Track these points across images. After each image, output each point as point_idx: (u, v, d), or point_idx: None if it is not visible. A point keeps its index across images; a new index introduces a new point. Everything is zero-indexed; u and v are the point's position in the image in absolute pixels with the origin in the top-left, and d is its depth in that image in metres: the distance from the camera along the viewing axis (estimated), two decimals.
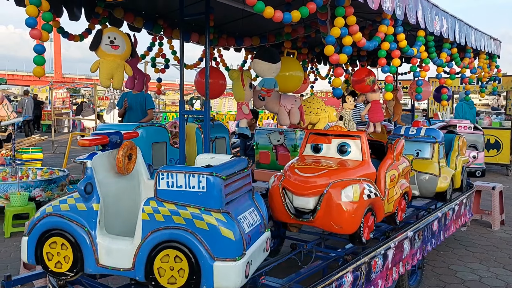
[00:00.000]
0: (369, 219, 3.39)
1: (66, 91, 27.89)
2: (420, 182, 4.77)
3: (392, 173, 3.75)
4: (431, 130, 5.01)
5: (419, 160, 4.87)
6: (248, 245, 2.41)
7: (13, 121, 7.69)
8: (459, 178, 5.31)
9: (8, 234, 6.02)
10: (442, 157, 4.97)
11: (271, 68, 3.52)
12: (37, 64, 2.72)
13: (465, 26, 4.65)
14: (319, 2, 2.76)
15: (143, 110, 7.44)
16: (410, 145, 4.89)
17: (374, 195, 3.38)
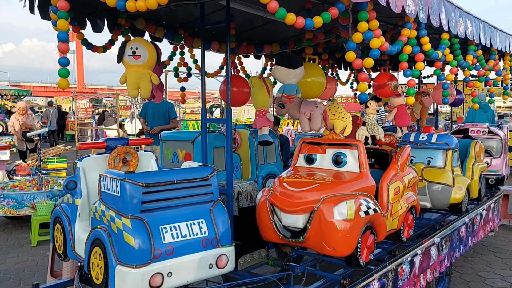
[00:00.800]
0: (368, 238, 3.03)
1: (89, 101, 28.39)
2: (432, 193, 4.37)
3: (396, 185, 3.43)
4: (444, 136, 4.60)
5: (430, 169, 4.45)
6: (166, 256, 2.35)
7: (38, 131, 7.86)
8: (476, 187, 4.93)
9: (35, 243, 6.13)
10: (456, 165, 4.56)
11: (289, 73, 3.49)
12: (62, 76, 2.77)
13: (490, 27, 4.56)
14: (341, 7, 2.74)
15: (166, 119, 7.53)
16: (421, 152, 4.54)
17: (373, 211, 3.00)
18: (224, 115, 4.47)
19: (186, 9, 3.81)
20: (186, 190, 2.55)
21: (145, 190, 2.36)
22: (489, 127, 6.00)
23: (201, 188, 2.60)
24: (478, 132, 6.01)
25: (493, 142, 5.97)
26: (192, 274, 2.45)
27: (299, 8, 3.72)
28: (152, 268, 2.28)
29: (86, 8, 3.72)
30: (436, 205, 4.39)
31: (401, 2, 2.85)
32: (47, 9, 3.11)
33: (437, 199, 4.34)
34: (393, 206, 3.35)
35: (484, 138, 5.90)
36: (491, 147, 5.88)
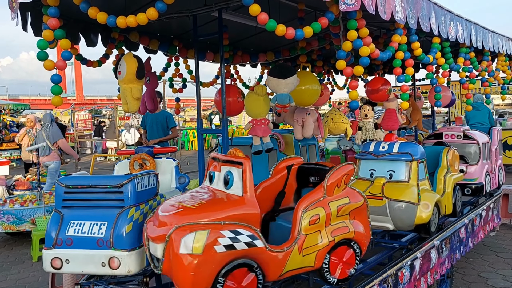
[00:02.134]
0: (244, 278, 2.47)
1: (88, 113, 28.46)
2: (394, 212, 3.71)
3: (314, 212, 2.74)
4: (407, 145, 3.98)
5: (392, 184, 3.83)
6: (64, 246, 2.77)
7: (38, 146, 7.87)
8: (450, 201, 4.31)
9: (36, 258, 6.12)
10: (423, 178, 3.96)
11: (280, 84, 3.52)
12: (54, 94, 2.80)
13: (482, 29, 4.59)
14: (331, 17, 2.77)
15: (164, 129, 7.55)
16: (382, 165, 3.95)
17: (245, 246, 2.44)
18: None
19: (179, 21, 3.85)
20: (98, 194, 2.87)
21: (66, 190, 2.87)
22: (465, 131, 5.39)
23: (112, 194, 2.85)
24: (453, 136, 5.39)
25: (469, 147, 5.32)
26: (87, 267, 2.76)
27: (292, 16, 3.76)
28: (53, 252, 2.74)
29: (80, 24, 3.75)
30: (400, 227, 3.77)
31: (390, 9, 2.88)
32: (40, 27, 3.13)
33: (400, 219, 3.72)
34: (306, 239, 2.71)
35: (459, 143, 5.30)
36: (467, 153, 5.30)
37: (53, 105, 2.84)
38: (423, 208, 3.73)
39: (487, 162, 5.38)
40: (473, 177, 5.19)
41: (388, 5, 2.89)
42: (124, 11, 2.98)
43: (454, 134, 5.39)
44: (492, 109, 20.03)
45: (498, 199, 6.00)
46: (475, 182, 5.19)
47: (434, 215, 3.90)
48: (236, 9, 3.70)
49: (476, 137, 5.31)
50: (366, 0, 2.65)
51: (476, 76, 5.15)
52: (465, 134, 5.34)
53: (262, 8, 2.57)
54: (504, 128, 11.21)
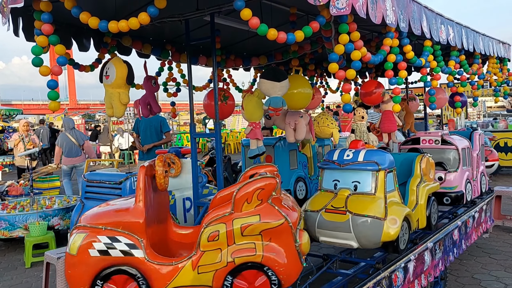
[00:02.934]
0: (126, 286, 2.54)
1: (81, 118, 28.36)
2: (358, 229, 3.32)
3: (214, 229, 2.54)
4: (374, 153, 3.59)
5: (357, 197, 3.45)
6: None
7: (30, 151, 7.84)
8: (423, 214, 3.95)
9: (29, 264, 6.08)
10: (392, 190, 3.56)
11: (275, 86, 3.52)
12: (51, 99, 2.80)
13: (472, 32, 4.63)
14: (322, 21, 2.78)
15: (158, 133, 7.54)
16: (346, 175, 3.55)
17: (121, 253, 2.51)
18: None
19: (171, 25, 3.85)
20: (105, 189, 3.51)
21: (87, 184, 3.61)
22: (443, 136, 5.01)
23: (114, 190, 3.46)
24: (430, 141, 5.00)
25: (448, 153, 4.93)
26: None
27: (284, 20, 3.78)
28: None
29: (72, 28, 3.74)
30: (365, 244, 3.37)
31: (381, 13, 2.90)
32: (32, 32, 3.12)
33: (364, 236, 3.33)
34: (203, 255, 2.55)
35: (437, 149, 4.97)
36: (446, 160, 4.93)
37: (46, 110, 2.85)
38: (391, 223, 3.31)
39: (467, 168, 5.05)
40: (452, 185, 4.84)
41: (379, 9, 2.91)
42: (116, 16, 2.98)
43: (432, 139, 5.01)
44: (484, 111, 20.22)
45: (491, 200, 6.04)
46: (454, 190, 4.84)
47: (403, 231, 3.47)
48: (228, 14, 3.70)
49: (455, 142, 4.94)
50: (357, 4, 2.67)
51: (467, 79, 5.19)
52: (443, 139, 4.97)
53: (254, 12, 2.58)
54: (497, 130, 11.30)
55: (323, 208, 3.47)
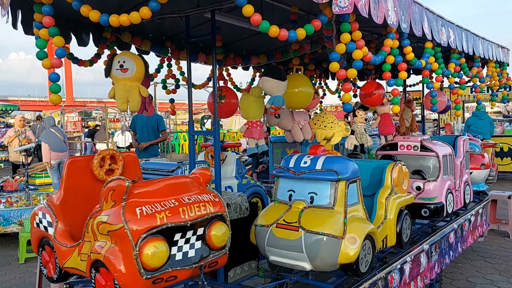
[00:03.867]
0: (48, 252, 3.03)
1: (78, 115, 28.25)
2: (311, 248, 2.84)
3: (89, 222, 2.59)
4: (334, 160, 3.09)
5: (313, 211, 2.98)
6: None
7: (26, 147, 7.80)
8: (393, 231, 3.48)
9: (23, 260, 6.04)
10: (355, 203, 3.08)
11: (280, 85, 3.53)
12: (53, 92, 2.78)
13: (472, 36, 4.64)
14: (324, 19, 2.77)
15: (155, 131, 7.52)
16: (303, 185, 3.09)
17: (44, 229, 3.03)
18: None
19: (172, 22, 3.83)
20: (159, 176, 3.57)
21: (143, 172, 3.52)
22: (423, 141, 4.54)
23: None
24: (409, 147, 4.55)
25: (427, 160, 4.47)
26: None
27: (285, 19, 3.77)
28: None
29: (71, 23, 3.71)
30: (319, 267, 2.92)
31: (383, 13, 2.90)
32: (31, 25, 3.10)
33: (318, 257, 2.85)
34: (84, 244, 2.65)
35: (416, 156, 4.53)
36: (425, 167, 4.48)
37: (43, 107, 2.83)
38: (349, 242, 2.84)
39: (449, 177, 4.61)
40: (431, 196, 4.40)
41: (381, 9, 2.91)
42: (117, 10, 2.96)
43: (410, 145, 4.55)
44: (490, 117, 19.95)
45: (487, 204, 6.05)
46: (433, 201, 4.40)
47: (365, 251, 3.00)
48: (229, 11, 3.69)
49: (436, 149, 4.48)
50: (360, 3, 2.66)
51: (467, 82, 5.20)
52: (422, 145, 4.51)
53: (255, 11, 2.57)
54: (493, 135, 11.33)
55: (274, 223, 3.00)
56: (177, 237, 2.46)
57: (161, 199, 2.52)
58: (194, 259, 2.52)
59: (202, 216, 2.56)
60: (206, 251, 2.58)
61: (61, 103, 2.95)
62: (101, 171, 3.20)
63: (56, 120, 26.64)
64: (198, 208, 2.58)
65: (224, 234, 2.63)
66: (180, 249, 2.47)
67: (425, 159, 4.48)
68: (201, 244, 2.56)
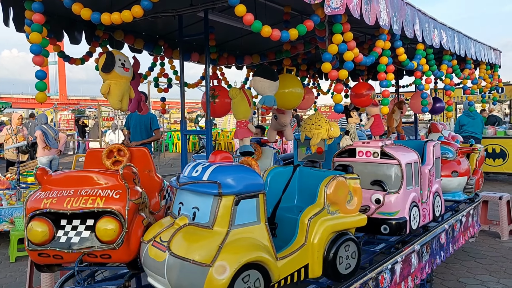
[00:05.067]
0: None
1: (71, 113, 28.10)
2: (171, 274, 2.37)
3: None
4: (225, 170, 2.56)
5: (193, 229, 2.49)
6: None
7: (17, 144, 7.75)
8: (318, 258, 2.83)
9: (14, 259, 6.01)
10: (249, 223, 2.49)
11: (272, 85, 3.54)
12: (39, 90, 2.76)
13: (464, 37, 4.67)
14: (316, 20, 2.78)
15: (148, 130, 7.49)
16: (188, 197, 2.63)
17: None
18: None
19: (165, 20, 3.83)
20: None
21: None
22: (383, 147, 3.92)
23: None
24: (368, 153, 3.98)
25: (388, 169, 3.89)
26: None
27: (278, 19, 3.77)
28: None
29: (63, 20, 3.70)
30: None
31: (375, 14, 2.91)
32: (22, 22, 3.09)
33: (179, 286, 2.37)
34: None
35: (375, 163, 3.94)
36: (386, 177, 3.88)
37: (36, 105, 2.80)
38: (217, 272, 2.29)
39: (414, 188, 4.03)
40: (392, 210, 3.83)
41: (373, 10, 2.92)
42: (109, 8, 2.95)
43: (369, 151, 3.97)
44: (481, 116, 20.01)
45: (478, 205, 6.08)
46: (395, 216, 3.82)
47: (247, 284, 2.40)
48: (223, 10, 3.69)
49: (398, 156, 3.89)
50: (351, 4, 2.67)
51: (458, 83, 5.23)
52: (383, 151, 3.92)
53: (248, 10, 2.57)
54: (486, 137, 11.40)
55: (152, 240, 2.61)
56: (64, 223, 2.68)
57: (63, 188, 2.79)
58: (78, 245, 2.64)
59: (86, 209, 2.66)
60: (93, 241, 2.65)
61: (48, 99, 2.92)
62: (108, 161, 3.39)
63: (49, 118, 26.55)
64: (86, 201, 2.69)
65: (112, 230, 2.60)
66: (66, 233, 2.67)
67: (385, 167, 3.89)
68: (89, 234, 2.66)
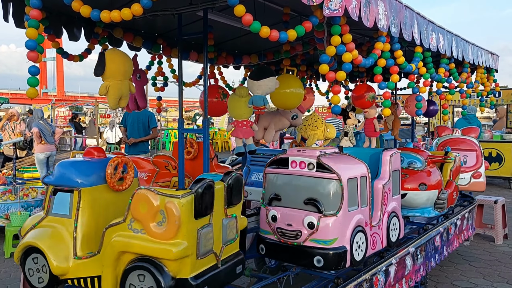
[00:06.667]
0: None
1: (68, 109, 28.03)
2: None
3: None
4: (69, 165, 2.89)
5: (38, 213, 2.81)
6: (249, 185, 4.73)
7: (15, 140, 7.74)
8: (108, 275, 2.52)
9: (8, 254, 6.00)
10: (57, 214, 2.81)
11: (254, 85, 3.53)
12: (31, 85, 2.73)
13: (462, 41, 4.69)
14: (315, 21, 2.79)
15: (145, 128, 7.49)
16: None
17: None
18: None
19: (164, 19, 3.83)
20: (266, 159, 4.13)
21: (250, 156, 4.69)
22: (320, 158, 3.17)
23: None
24: (302, 165, 3.20)
25: (324, 185, 3.11)
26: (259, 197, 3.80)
27: (277, 20, 3.78)
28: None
29: (63, 17, 3.69)
30: None
31: (373, 17, 2.92)
32: (22, 18, 3.08)
33: None
34: None
35: (311, 178, 3.17)
36: (323, 195, 3.10)
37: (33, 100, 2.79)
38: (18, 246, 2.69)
39: (359, 209, 3.25)
40: (328, 237, 3.06)
41: (372, 13, 2.93)
42: (109, 6, 2.94)
43: (304, 162, 3.19)
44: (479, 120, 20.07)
45: (473, 209, 6.11)
46: (331, 245, 3.06)
47: (36, 266, 2.63)
48: (222, 10, 3.70)
49: (337, 169, 3.09)
50: (350, 7, 2.68)
51: (455, 87, 5.24)
52: (319, 163, 3.13)
53: (248, 11, 2.57)
54: (482, 140, 11.44)
55: None
56: None
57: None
58: None
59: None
60: None
61: (37, 96, 2.89)
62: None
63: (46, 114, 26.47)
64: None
65: None
66: None
67: (322, 183, 3.11)
68: None
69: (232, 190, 2.70)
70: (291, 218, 3.19)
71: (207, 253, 2.52)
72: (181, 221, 2.35)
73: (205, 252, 2.49)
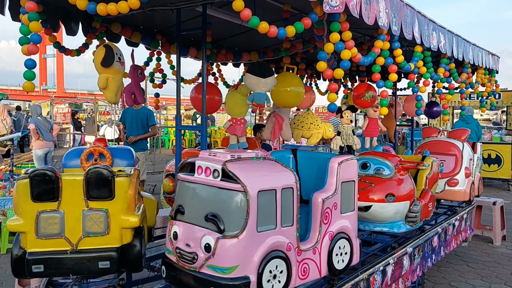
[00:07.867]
0: None
1: (68, 106, 27.95)
2: None
3: None
4: None
5: None
6: None
7: (11, 136, 7.71)
8: None
9: (5, 250, 5.97)
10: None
11: (259, 82, 3.50)
12: (27, 79, 2.72)
13: (463, 41, 4.66)
14: (314, 18, 2.76)
15: (144, 126, 7.46)
16: None
17: None
18: (209, 122, 4.56)
19: (163, 14, 3.80)
20: None
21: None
22: (226, 164, 2.45)
23: None
24: (208, 171, 2.56)
25: (227, 198, 2.45)
26: None
27: (277, 17, 3.75)
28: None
29: (60, 11, 3.66)
30: None
31: (374, 14, 2.89)
32: (18, 11, 3.05)
33: None
34: None
35: (214, 188, 2.51)
36: (224, 211, 2.44)
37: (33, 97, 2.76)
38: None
39: (277, 229, 2.52)
40: (225, 265, 2.37)
41: (372, 10, 2.90)
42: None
43: (209, 168, 2.53)
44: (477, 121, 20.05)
45: (471, 210, 6.09)
46: (228, 275, 2.36)
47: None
48: (222, 6, 3.67)
49: (244, 178, 2.40)
50: (351, 3, 2.65)
51: (456, 88, 5.21)
52: (225, 171, 2.45)
53: (248, 7, 2.55)
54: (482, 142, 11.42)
55: None
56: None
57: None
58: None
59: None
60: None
61: (33, 90, 2.87)
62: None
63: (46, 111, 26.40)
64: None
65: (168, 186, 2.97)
66: None
67: (224, 195, 2.45)
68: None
69: (89, 184, 2.65)
70: (190, 237, 2.50)
71: (53, 236, 2.64)
72: (17, 200, 2.66)
73: (47, 234, 2.64)
